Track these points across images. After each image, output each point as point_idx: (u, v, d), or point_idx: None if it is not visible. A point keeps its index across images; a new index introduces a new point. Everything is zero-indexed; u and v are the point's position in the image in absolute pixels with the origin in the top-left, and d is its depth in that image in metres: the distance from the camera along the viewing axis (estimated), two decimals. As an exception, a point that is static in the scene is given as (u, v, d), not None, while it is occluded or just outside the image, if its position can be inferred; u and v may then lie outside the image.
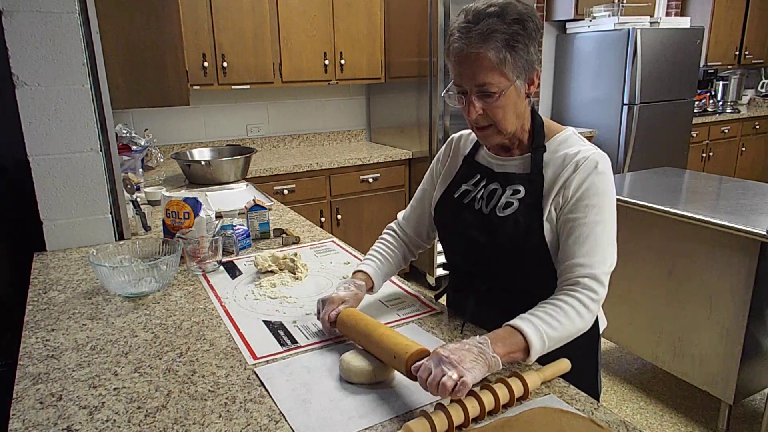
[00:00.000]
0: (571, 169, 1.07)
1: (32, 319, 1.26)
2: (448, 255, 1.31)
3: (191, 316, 1.26)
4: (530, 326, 0.97)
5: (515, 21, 1.01)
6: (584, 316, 1.01)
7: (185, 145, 3.49)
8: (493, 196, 1.16)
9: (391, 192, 3.61)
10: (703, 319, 2.23)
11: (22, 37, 1.55)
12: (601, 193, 1.05)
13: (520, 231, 1.10)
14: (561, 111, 4.72)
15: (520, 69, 1.03)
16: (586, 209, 1.05)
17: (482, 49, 1.00)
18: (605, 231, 1.06)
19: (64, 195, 1.69)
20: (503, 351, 0.93)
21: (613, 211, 1.08)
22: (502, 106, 1.05)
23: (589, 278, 1.03)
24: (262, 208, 1.81)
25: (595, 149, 1.10)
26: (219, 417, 0.90)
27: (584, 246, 1.04)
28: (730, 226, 2.03)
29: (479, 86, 1.03)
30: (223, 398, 0.95)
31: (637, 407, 2.47)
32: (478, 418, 0.87)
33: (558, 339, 0.99)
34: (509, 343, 0.95)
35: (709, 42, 5.02)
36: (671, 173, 2.97)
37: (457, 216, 1.21)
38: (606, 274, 1.05)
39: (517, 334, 0.96)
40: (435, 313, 1.27)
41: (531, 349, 0.95)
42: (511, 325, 0.98)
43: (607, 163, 1.09)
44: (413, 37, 3.42)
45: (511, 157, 1.17)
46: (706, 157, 5.04)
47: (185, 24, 2.94)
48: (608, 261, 1.06)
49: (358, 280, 1.22)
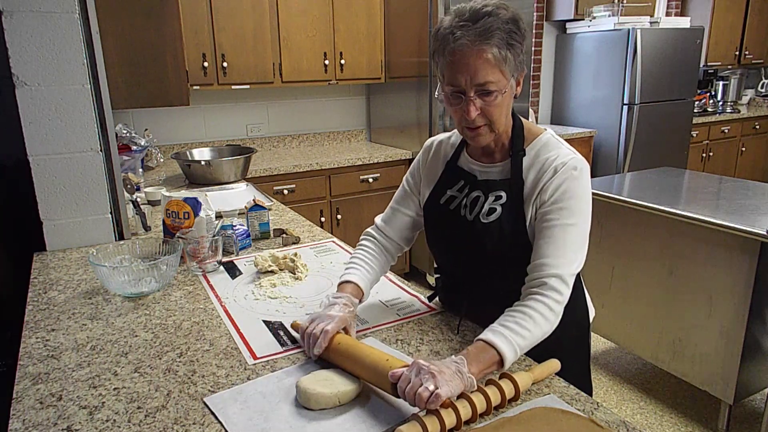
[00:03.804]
0: (549, 174, 1.08)
1: (32, 319, 1.26)
2: (438, 260, 1.32)
3: (191, 316, 1.26)
4: (503, 340, 0.97)
5: (510, 20, 1.01)
6: (550, 319, 1.03)
7: (185, 145, 3.49)
8: (476, 204, 1.16)
9: (391, 192, 3.57)
10: (703, 319, 2.23)
11: (22, 37, 1.55)
12: (575, 197, 1.06)
13: (505, 236, 1.11)
14: (561, 111, 4.72)
15: (514, 68, 1.04)
16: (560, 212, 1.06)
17: (485, 46, 1.00)
18: (576, 234, 1.07)
19: (64, 195, 1.69)
20: (477, 369, 0.93)
21: (586, 214, 1.09)
22: (498, 105, 1.05)
23: (555, 278, 1.03)
24: (262, 208, 1.81)
25: (574, 153, 1.11)
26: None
27: (553, 246, 1.05)
28: (730, 226, 2.03)
29: (480, 85, 1.03)
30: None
31: (637, 407, 2.47)
32: (470, 421, 0.87)
33: (528, 346, 1.01)
34: (483, 359, 0.95)
35: (709, 42, 5.02)
36: (671, 173, 2.97)
37: (443, 222, 1.22)
38: (571, 275, 1.06)
39: (490, 350, 0.96)
40: (435, 312, 1.27)
41: (505, 362, 0.96)
42: (483, 339, 0.98)
43: (585, 167, 1.09)
44: (413, 37, 3.42)
45: (493, 162, 1.18)
46: (706, 157, 5.04)
47: (185, 24, 2.94)
48: (575, 263, 1.06)
49: (350, 295, 1.14)
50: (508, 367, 0.98)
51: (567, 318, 1.21)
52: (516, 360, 0.99)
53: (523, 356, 1.07)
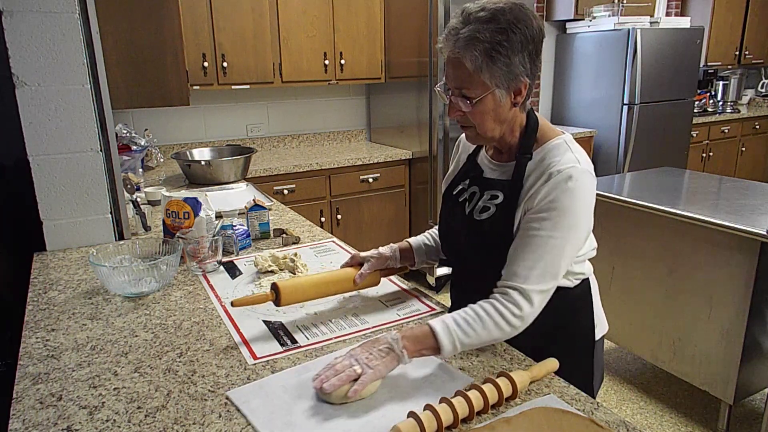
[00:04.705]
0: (543, 179, 1.04)
1: (32, 319, 1.26)
2: (443, 250, 1.34)
3: (191, 316, 1.26)
4: (445, 331, 0.99)
5: (501, 30, 0.99)
6: (503, 328, 1.01)
7: (185, 145, 3.49)
8: (473, 199, 1.18)
9: (391, 192, 3.61)
10: (703, 319, 2.23)
11: (22, 37, 1.55)
12: (561, 209, 1.02)
13: (495, 235, 1.11)
14: (561, 111, 4.72)
15: (500, 79, 1.02)
16: (542, 222, 1.03)
17: (460, 54, 1.02)
18: (554, 248, 1.02)
19: (64, 195, 1.69)
20: (413, 348, 0.98)
21: (571, 229, 1.03)
22: (479, 112, 1.06)
23: (518, 292, 1.02)
24: (262, 208, 1.81)
25: (576, 163, 1.04)
26: (219, 417, 0.90)
27: (527, 258, 1.03)
28: (730, 226, 2.03)
29: (458, 89, 1.06)
30: (223, 398, 0.95)
31: (637, 407, 2.47)
32: (468, 419, 0.87)
33: (471, 345, 1.02)
34: (421, 341, 0.99)
35: (709, 42, 5.02)
36: (671, 173, 2.97)
37: (450, 212, 1.25)
38: (539, 292, 1.02)
39: (430, 336, 0.99)
40: (435, 312, 1.27)
41: (442, 350, 0.99)
42: (429, 324, 1.01)
43: (586, 179, 1.04)
44: (413, 37, 3.42)
45: (502, 161, 1.18)
46: (706, 157, 5.04)
47: (185, 24, 2.94)
48: (548, 278, 1.03)
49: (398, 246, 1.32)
50: (446, 357, 1.02)
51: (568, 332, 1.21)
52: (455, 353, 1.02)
53: (522, 356, 1.07)
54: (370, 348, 0.97)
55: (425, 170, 3.52)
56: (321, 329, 1.19)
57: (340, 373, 0.92)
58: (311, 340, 1.14)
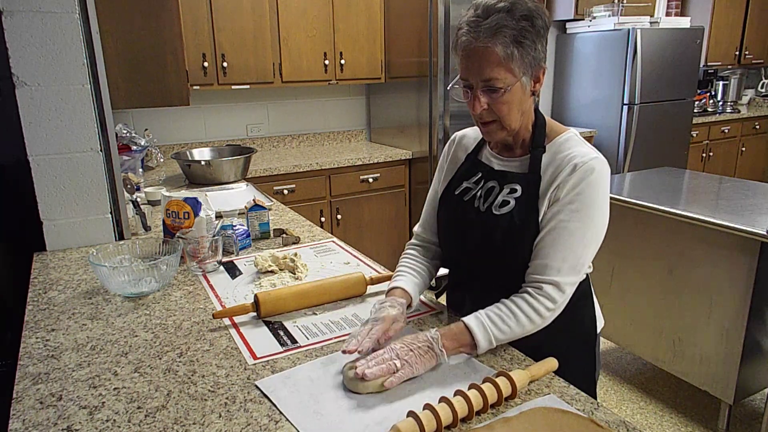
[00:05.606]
0: (567, 171, 1.06)
1: (32, 319, 1.26)
2: (446, 251, 1.31)
3: (191, 316, 1.26)
4: (480, 328, 1.03)
5: (524, 17, 1.01)
6: (535, 322, 1.05)
7: (185, 145, 3.49)
8: (491, 194, 1.16)
9: (391, 192, 3.61)
10: (703, 319, 2.23)
11: (22, 37, 1.55)
12: (589, 202, 1.05)
13: (515, 230, 1.10)
14: (561, 111, 4.72)
15: (527, 66, 1.04)
16: (572, 214, 1.05)
17: (490, 43, 1.00)
18: (584, 239, 1.05)
19: (64, 195, 1.69)
20: (452, 346, 1.02)
21: (599, 221, 1.07)
22: (506, 102, 1.05)
23: (552, 286, 1.04)
24: (262, 208, 1.81)
25: (596, 154, 1.08)
26: (219, 417, 0.90)
27: (559, 250, 1.05)
28: (730, 226, 2.03)
29: (485, 81, 1.04)
30: (223, 398, 0.95)
31: (637, 407, 2.47)
32: (467, 418, 0.87)
33: (505, 340, 1.05)
34: (458, 339, 1.03)
35: (709, 42, 5.02)
36: (671, 173, 2.97)
37: (455, 213, 1.22)
38: (571, 284, 1.06)
39: (467, 333, 1.03)
40: (435, 312, 1.27)
41: (478, 347, 1.03)
42: (464, 321, 1.04)
43: (605, 171, 1.07)
44: (413, 37, 3.42)
45: (513, 157, 1.17)
46: (706, 157, 5.04)
47: (185, 24, 2.94)
48: (578, 270, 1.06)
49: (398, 297, 1.15)
50: (482, 353, 1.04)
51: (573, 328, 1.21)
52: (490, 348, 1.05)
53: (522, 356, 1.07)
54: (410, 344, 0.99)
55: (425, 170, 3.53)
56: (321, 329, 1.19)
57: (381, 365, 0.95)
58: (311, 340, 1.14)
